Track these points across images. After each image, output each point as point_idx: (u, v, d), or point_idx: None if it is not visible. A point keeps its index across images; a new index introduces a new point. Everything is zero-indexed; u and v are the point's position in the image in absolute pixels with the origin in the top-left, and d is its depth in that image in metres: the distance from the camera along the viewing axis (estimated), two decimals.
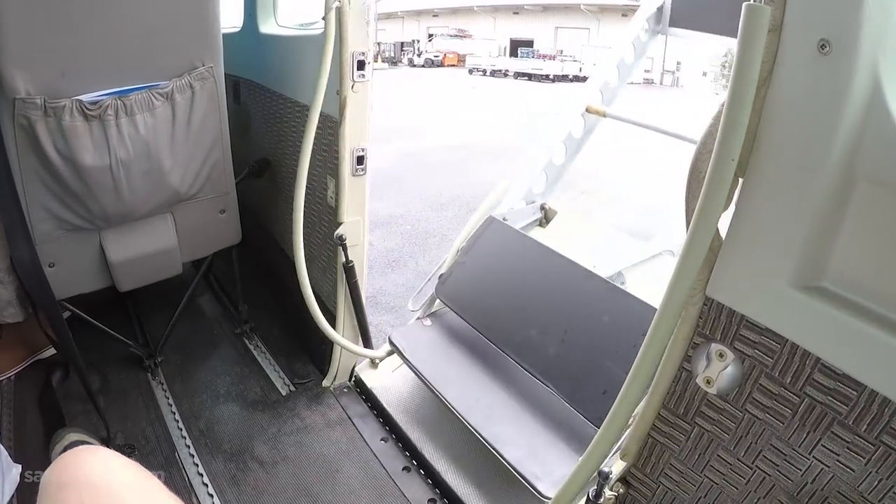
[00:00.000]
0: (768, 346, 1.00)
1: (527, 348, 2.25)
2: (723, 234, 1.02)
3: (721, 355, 1.07)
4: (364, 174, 2.17)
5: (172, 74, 2.08)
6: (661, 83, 38.62)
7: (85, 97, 1.91)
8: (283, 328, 3.01)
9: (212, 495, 2.11)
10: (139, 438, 2.31)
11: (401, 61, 42.46)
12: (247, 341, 2.92)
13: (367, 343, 2.69)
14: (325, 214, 2.34)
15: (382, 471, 2.24)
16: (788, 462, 1.03)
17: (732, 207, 1.00)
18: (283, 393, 2.60)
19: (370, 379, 2.65)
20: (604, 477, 1.42)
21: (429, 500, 2.16)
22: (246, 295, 2.95)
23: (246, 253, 2.84)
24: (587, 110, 2.82)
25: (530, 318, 2.30)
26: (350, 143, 2.13)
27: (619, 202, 8.19)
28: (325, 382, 2.63)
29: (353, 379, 2.68)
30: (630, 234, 6.97)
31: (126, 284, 2.31)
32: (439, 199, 7.34)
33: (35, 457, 2.04)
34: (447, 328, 2.62)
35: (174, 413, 2.45)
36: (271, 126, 2.74)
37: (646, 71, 35.59)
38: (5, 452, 1.73)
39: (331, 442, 2.34)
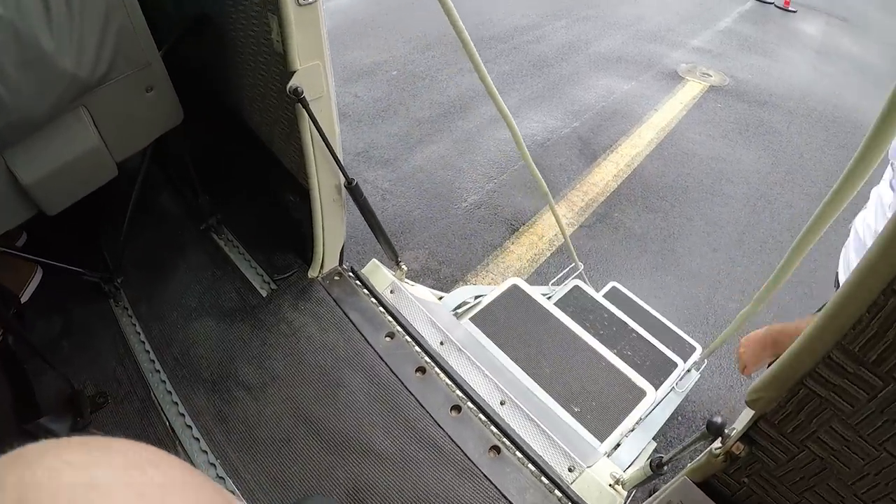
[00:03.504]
0: None
1: None
2: None
3: None
4: (314, 1, 1.52)
5: None
6: None
7: None
8: (255, 215, 2.43)
9: (197, 438, 1.68)
10: (111, 382, 1.86)
11: None
12: (215, 237, 2.34)
13: (395, 258, 2.18)
14: (274, 65, 1.72)
15: (392, 377, 1.78)
16: None
17: None
18: (264, 294, 2.08)
19: (376, 276, 2.14)
20: (715, 429, 0.96)
21: (452, 408, 1.72)
22: (207, 182, 2.35)
23: (200, 131, 2.22)
24: None
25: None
26: None
27: (617, 29, 7.34)
28: (312, 272, 2.11)
29: (345, 264, 2.17)
30: (632, 62, 6.44)
31: (54, 206, 1.72)
32: (425, 40, 6.51)
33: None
34: None
35: (144, 343, 1.97)
36: None
37: None
38: None
39: (326, 348, 1.86)
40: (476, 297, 2.63)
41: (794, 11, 8.48)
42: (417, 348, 1.87)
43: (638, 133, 5.25)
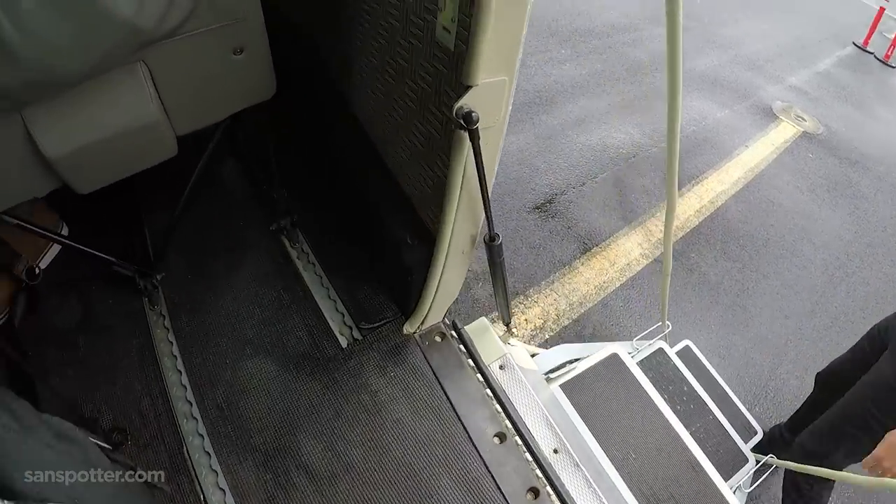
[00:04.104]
0: None
1: None
2: None
3: None
4: None
5: None
6: None
7: None
8: (342, 231, 1.82)
9: None
10: (132, 415, 1.35)
11: None
12: (287, 244, 1.76)
13: (508, 322, 1.63)
14: (428, 61, 1.12)
15: (499, 497, 1.29)
16: None
17: None
18: (344, 343, 1.53)
19: (484, 341, 1.59)
20: None
21: None
22: (288, 172, 1.77)
23: (289, 108, 1.66)
24: None
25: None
26: None
27: (716, 48, 6.68)
28: (408, 327, 1.55)
29: (452, 326, 1.61)
30: (728, 88, 5.82)
31: (86, 185, 1.18)
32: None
33: None
34: None
35: (180, 373, 1.44)
36: None
37: None
38: None
39: (419, 440, 1.35)
40: (572, 361, 2.20)
41: (894, 67, 7.78)
42: (529, 456, 1.38)
43: (726, 169, 4.69)
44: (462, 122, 0.98)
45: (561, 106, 4.75)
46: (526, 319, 3.08)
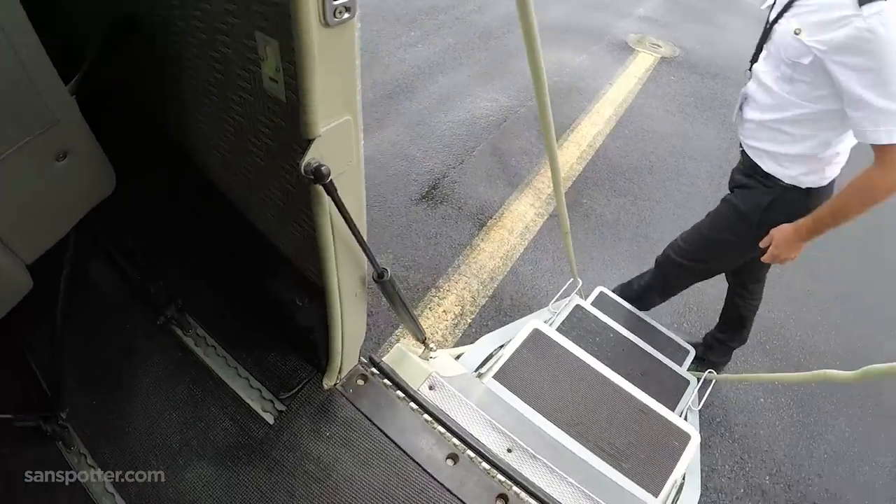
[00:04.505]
0: None
1: None
2: None
3: None
4: (351, 17, 0.78)
5: None
6: None
7: None
8: (232, 303, 1.65)
9: None
10: None
11: None
12: (180, 333, 1.55)
13: (423, 338, 1.52)
14: (264, 115, 0.99)
15: None
16: None
17: None
18: (271, 420, 1.39)
19: (406, 368, 1.53)
20: None
21: None
22: (158, 260, 1.60)
23: (140, 190, 1.48)
24: None
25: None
26: None
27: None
28: (328, 381, 1.44)
29: (370, 363, 1.51)
30: (580, 32, 5.90)
31: None
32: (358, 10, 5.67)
33: None
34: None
35: None
36: None
37: None
38: None
39: (377, 491, 1.26)
40: (499, 348, 2.22)
41: None
42: (487, 465, 1.35)
43: (596, 110, 4.76)
44: (310, 176, 0.87)
45: (422, 89, 4.68)
46: (444, 310, 3.00)
